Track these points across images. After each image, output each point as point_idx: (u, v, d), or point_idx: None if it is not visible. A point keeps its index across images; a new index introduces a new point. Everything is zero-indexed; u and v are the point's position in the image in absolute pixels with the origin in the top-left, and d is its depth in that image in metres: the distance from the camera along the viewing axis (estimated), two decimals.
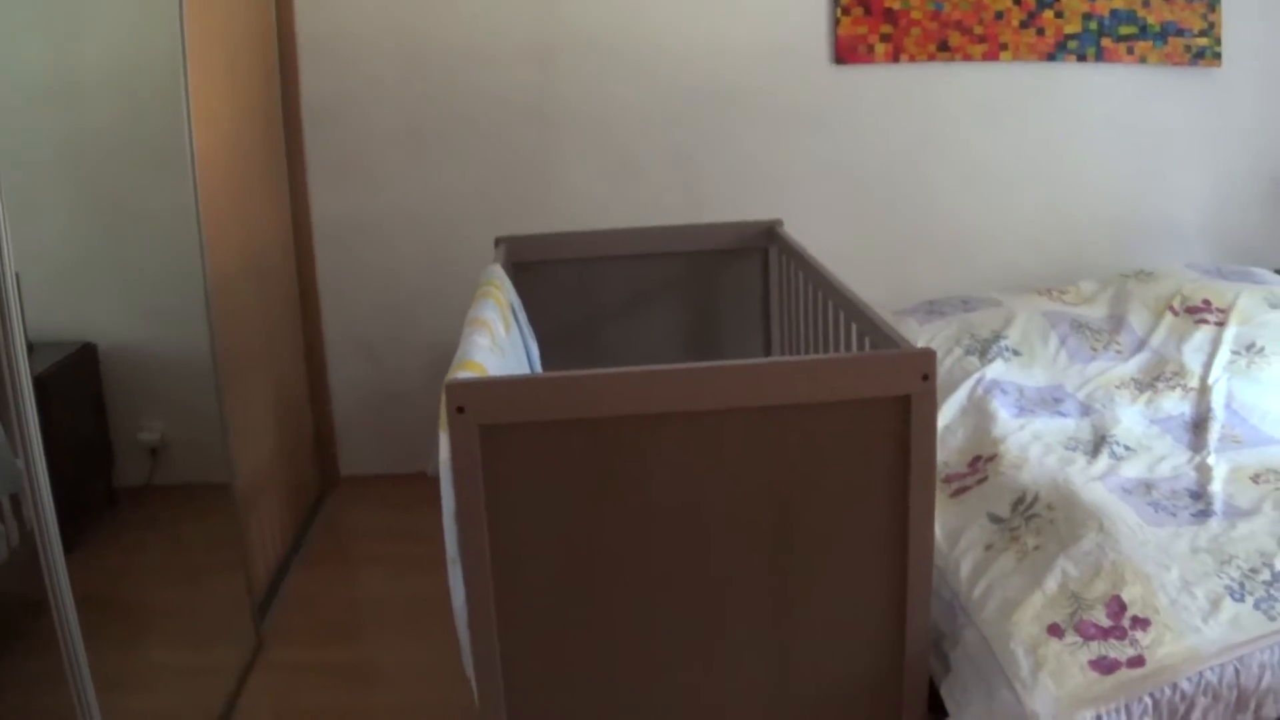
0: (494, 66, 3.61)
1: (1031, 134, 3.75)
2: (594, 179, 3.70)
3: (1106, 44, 3.66)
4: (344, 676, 2.69)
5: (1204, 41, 3.68)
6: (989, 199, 3.79)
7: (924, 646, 1.84)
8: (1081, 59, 3.67)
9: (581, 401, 1.70)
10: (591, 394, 1.70)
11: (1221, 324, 2.96)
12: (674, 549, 1.77)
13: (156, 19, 2.50)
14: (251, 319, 3.12)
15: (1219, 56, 3.70)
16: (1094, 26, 3.65)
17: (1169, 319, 3.04)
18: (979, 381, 2.82)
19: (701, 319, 3.14)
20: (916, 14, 3.61)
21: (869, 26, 3.61)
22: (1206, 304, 3.05)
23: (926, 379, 1.73)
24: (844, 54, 3.63)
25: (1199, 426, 2.59)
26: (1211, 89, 3.75)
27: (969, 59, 3.66)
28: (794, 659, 1.83)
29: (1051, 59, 3.67)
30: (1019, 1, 3.62)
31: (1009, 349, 2.96)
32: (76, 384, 2.40)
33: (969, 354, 2.95)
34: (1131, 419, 2.62)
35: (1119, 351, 2.98)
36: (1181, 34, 3.67)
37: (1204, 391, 2.73)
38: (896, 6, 3.60)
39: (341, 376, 3.81)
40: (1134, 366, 2.91)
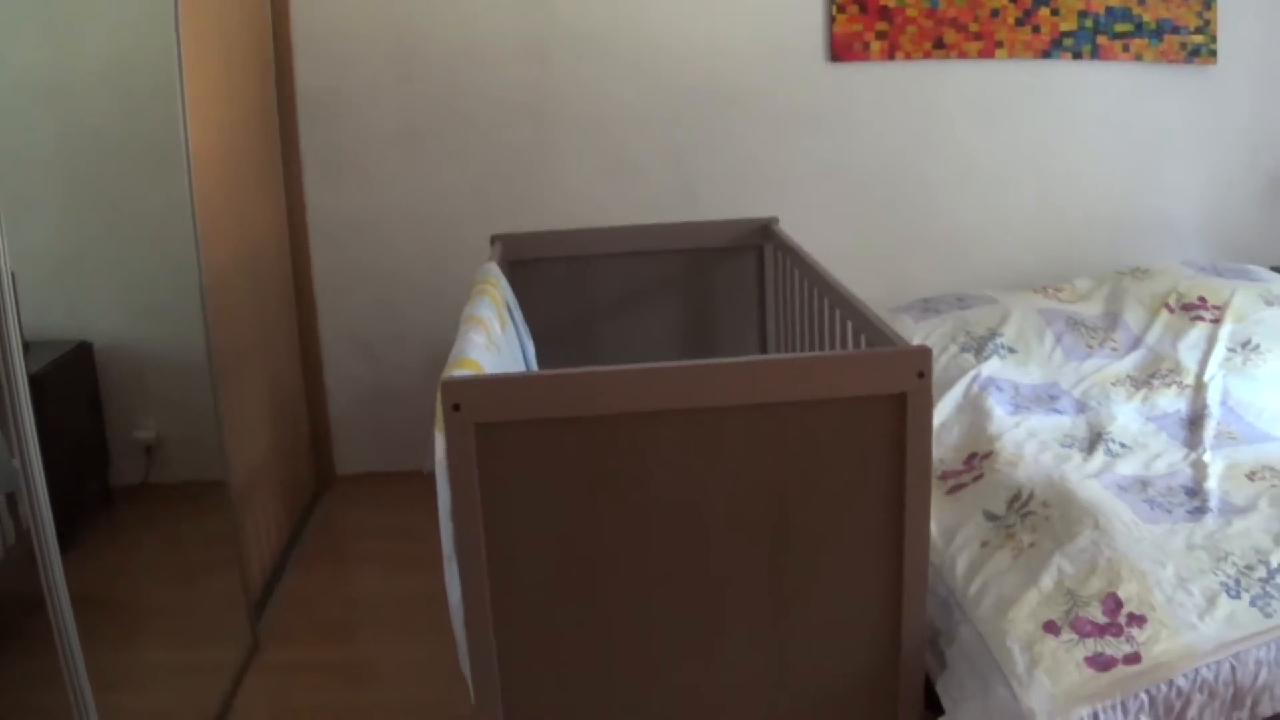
0: (490, 64, 3.60)
1: (1027, 131, 3.75)
2: (590, 177, 3.69)
3: (1102, 41, 3.67)
4: (340, 675, 2.68)
5: (1199, 39, 3.68)
6: (984, 196, 3.79)
7: (920, 643, 1.84)
8: (1077, 56, 3.68)
9: (577, 399, 1.70)
10: (587, 391, 1.70)
11: (1217, 321, 2.96)
12: (670, 546, 1.77)
13: (151, 16, 2.49)
14: (247, 317, 3.12)
15: (1214, 54, 3.70)
16: (1089, 24, 3.65)
17: (1165, 316, 3.05)
18: (975, 379, 2.82)
19: (697, 317, 3.13)
20: (912, 11, 3.60)
21: (864, 24, 3.61)
22: (1202, 301, 3.05)
23: (922, 376, 1.73)
24: (839, 52, 3.63)
25: (1195, 423, 2.59)
26: (1207, 86, 3.75)
27: (964, 56, 3.66)
28: (790, 655, 1.83)
29: (1047, 56, 3.67)
30: None
31: (1004, 346, 2.96)
32: (72, 383, 2.40)
33: (964, 351, 2.95)
34: (1127, 416, 2.62)
35: (1115, 349, 2.98)
36: (1177, 31, 3.67)
37: (1200, 388, 2.73)
38: (892, 4, 3.59)
39: (337, 374, 3.80)
40: (1130, 364, 2.91)
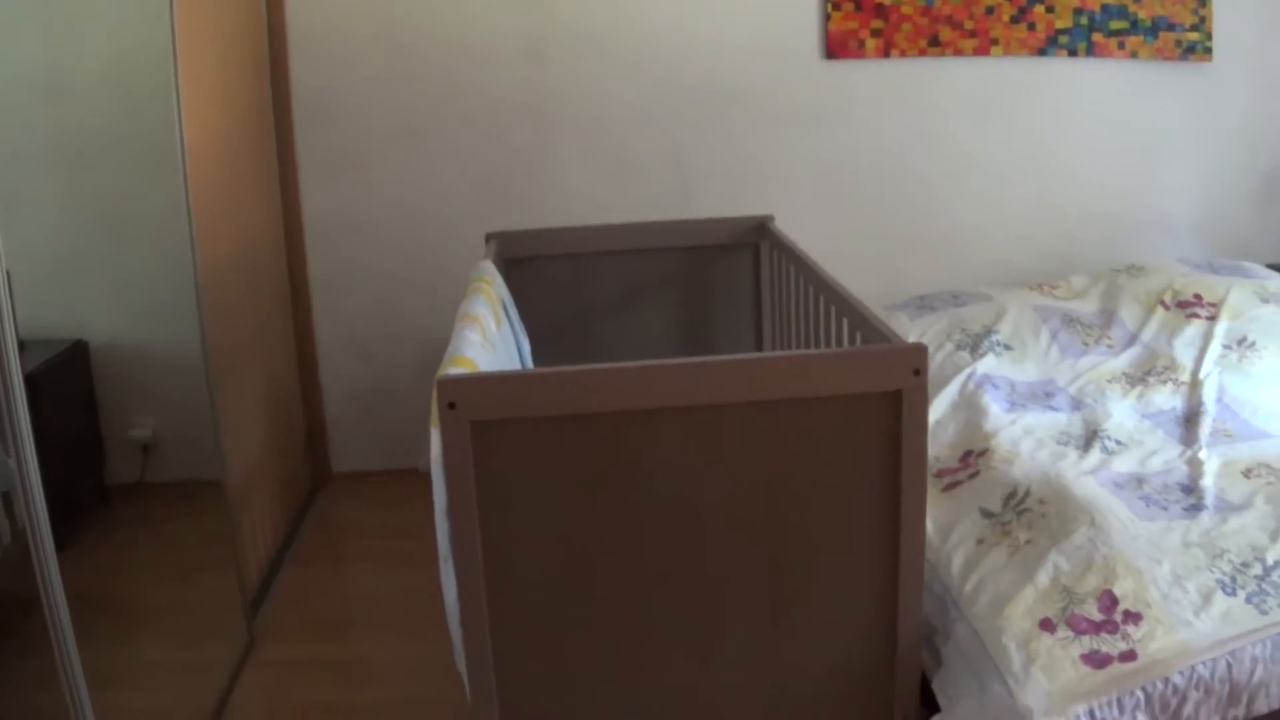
0: (487, 63, 3.60)
1: (1022, 129, 3.75)
2: (588, 176, 3.68)
3: (1097, 39, 3.67)
4: (336, 673, 2.68)
5: (1195, 36, 3.69)
6: (980, 194, 3.79)
7: (916, 641, 1.85)
8: (1072, 54, 3.68)
9: (573, 397, 1.70)
10: (583, 389, 1.70)
11: (1213, 318, 2.96)
12: (666, 543, 1.78)
13: (147, 15, 2.49)
14: (243, 315, 3.12)
15: (1210, 51, 3.70)
16: (1085, 21, 3.65)
17: (1160, 313, 3.05)
18: (970, 376, 2.82)
19: (693, 314, 3.13)
20: (907, 9, 3.60)
21: (860, 21, 3.61)
22: (1198, 298, 3.06)
23: (918, 374, 1.73)
24: (835, 49, 3.63)
25: (1190, 421, 2.59)
26: (1202, 84, 3.76)
27: (960, 54, 3.66)
28: (786, 653, 1.84)
29: (1042, 54, 3.67)
30: None
31: (1000, 344, 2.96)
32: (68, 381, 2.39)
33: (960, 349, 2.95)
34: (1123, 413, 2.62)
35: (1110, 346, 2.98)
36: (1172, 29, 3.68)
37: (1195, 386, 2.73)
38: (887, 2, 3.59)
39: (333, 372, 3.80)
40: (1125, 361, 2.91)
